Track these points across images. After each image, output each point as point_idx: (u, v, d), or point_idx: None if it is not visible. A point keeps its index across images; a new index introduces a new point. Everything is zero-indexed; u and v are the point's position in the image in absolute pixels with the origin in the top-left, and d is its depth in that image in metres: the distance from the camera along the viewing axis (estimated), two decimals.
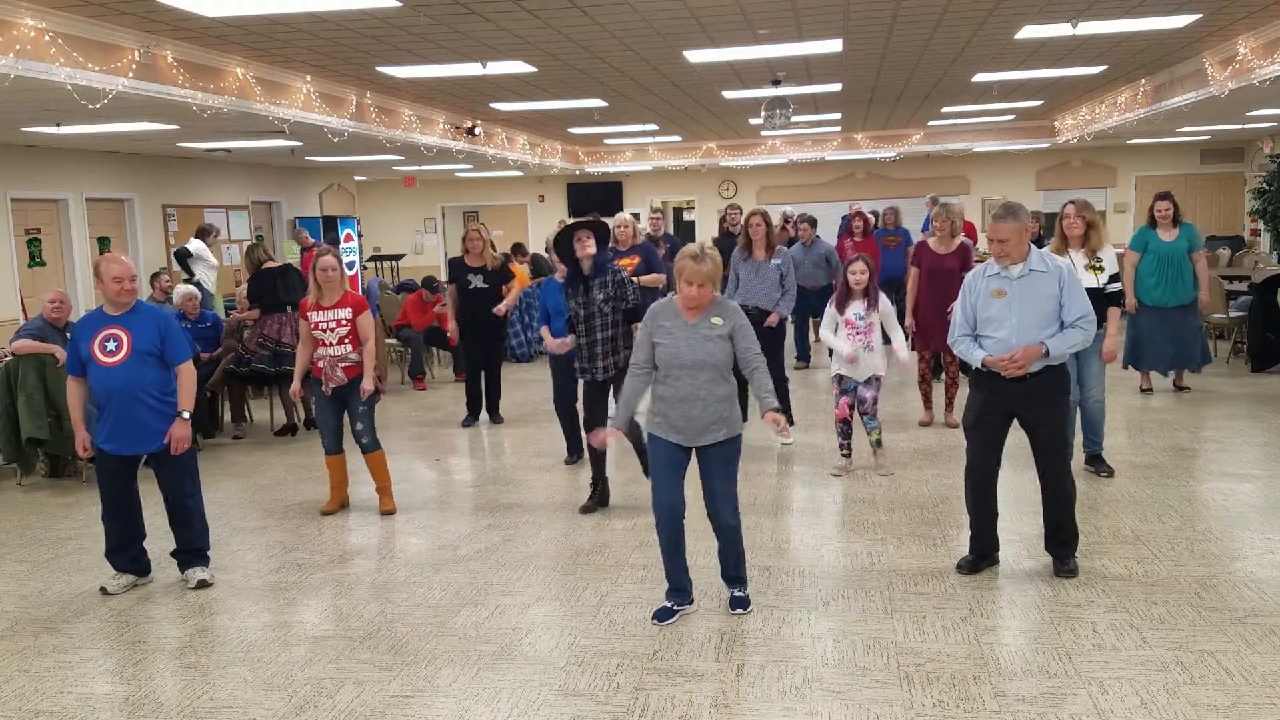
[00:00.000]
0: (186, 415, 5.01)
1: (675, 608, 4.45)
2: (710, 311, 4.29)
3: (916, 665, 3.90)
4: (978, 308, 4.69)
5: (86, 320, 5.03)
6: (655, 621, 4.39)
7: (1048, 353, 4.50)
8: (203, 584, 5.09)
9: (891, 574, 4.88)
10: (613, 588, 4.85)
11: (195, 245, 13.08)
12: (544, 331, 6.79)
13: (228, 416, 9.01)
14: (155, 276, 10.18)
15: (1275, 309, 9.72)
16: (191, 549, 5.19)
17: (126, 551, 5.12)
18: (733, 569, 4.49)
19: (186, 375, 5.05)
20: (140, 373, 4.89)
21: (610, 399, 5.93)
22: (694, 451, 4.36)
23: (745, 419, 4.51)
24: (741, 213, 11.76)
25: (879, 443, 6.67)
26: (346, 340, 6.01)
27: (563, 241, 6.04)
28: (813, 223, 10.70)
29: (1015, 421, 4.74)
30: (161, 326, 4.98)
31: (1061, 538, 4.79)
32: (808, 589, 4.73)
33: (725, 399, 4.29)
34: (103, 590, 5.06)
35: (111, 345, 4.88)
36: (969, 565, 4.88)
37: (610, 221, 7.31)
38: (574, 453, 7.37)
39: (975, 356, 4.64)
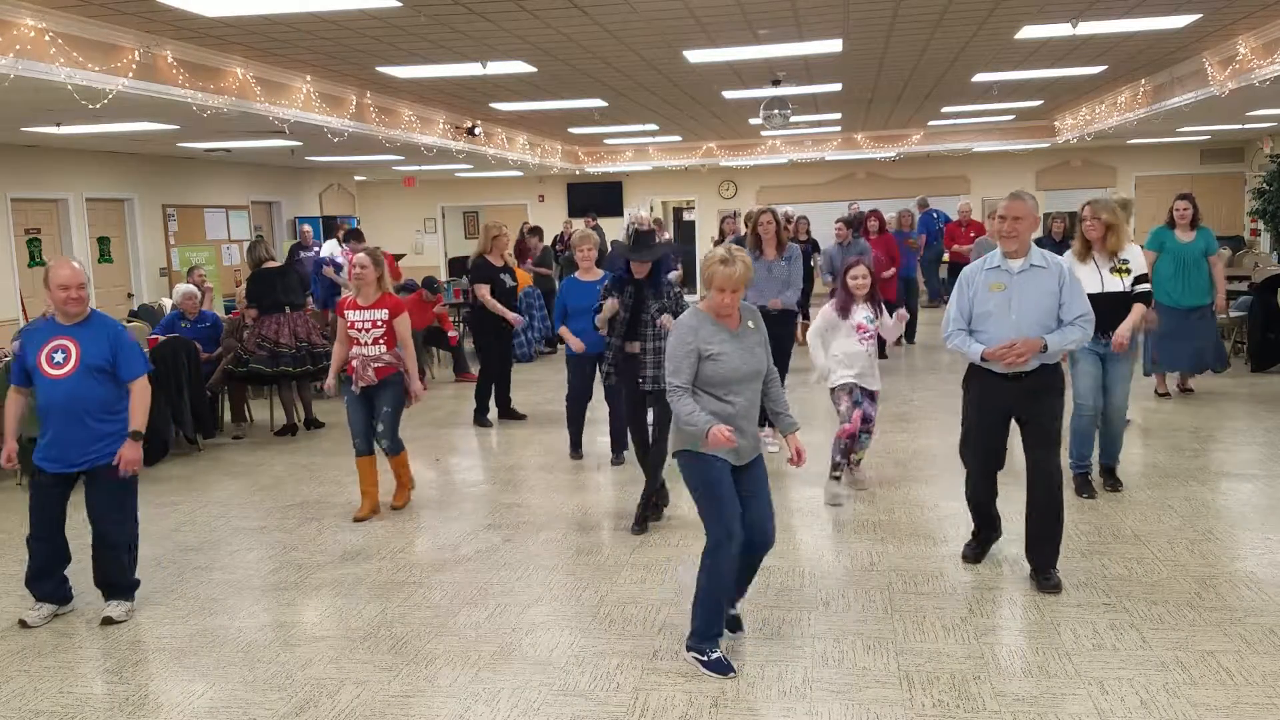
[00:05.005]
0: (138, 435, 4.65)
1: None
2: (744, 317, 4.05)
3: (916, 665, 3.90)
4: (975, 301, 4.64)
5: (37, 329, 4.72)
6: (718, 674, 3.83)
7: (1045, 347, 4.46)
8: (108, 620, 4.61)
9: (891, 574, 4.88)
10: (613, 588, 4.85)
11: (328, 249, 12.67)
12: (564, 331, 6.96)
13: (228, 416, 9.01)
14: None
15: (1275, 309, 9.72)
16: (107, 582, 4.73)
17: (51, 578, 4.74)
18: (742, 592, 4.25)
19: (140, 392, 4.68)
20: (85, 389, 4.55)
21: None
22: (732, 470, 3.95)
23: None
24: (792, 218, 11.72)
25: (860, 461, 6.45)
26: (381, 341, 6.01)
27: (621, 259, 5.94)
28: (852, 224, 10.81)
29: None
30: (113, 340, 4.63)
31: (1045, 542, 4.58)
32: (808, 589, 4.73)
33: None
34: (22, 623, 4.64)
35: (59, 357, 4.55)
36: (974, 553, 4.92)
37: (629, 220, 7.36)
38: (577, 448, 7.49)
39: (973, 351, 4.59)
